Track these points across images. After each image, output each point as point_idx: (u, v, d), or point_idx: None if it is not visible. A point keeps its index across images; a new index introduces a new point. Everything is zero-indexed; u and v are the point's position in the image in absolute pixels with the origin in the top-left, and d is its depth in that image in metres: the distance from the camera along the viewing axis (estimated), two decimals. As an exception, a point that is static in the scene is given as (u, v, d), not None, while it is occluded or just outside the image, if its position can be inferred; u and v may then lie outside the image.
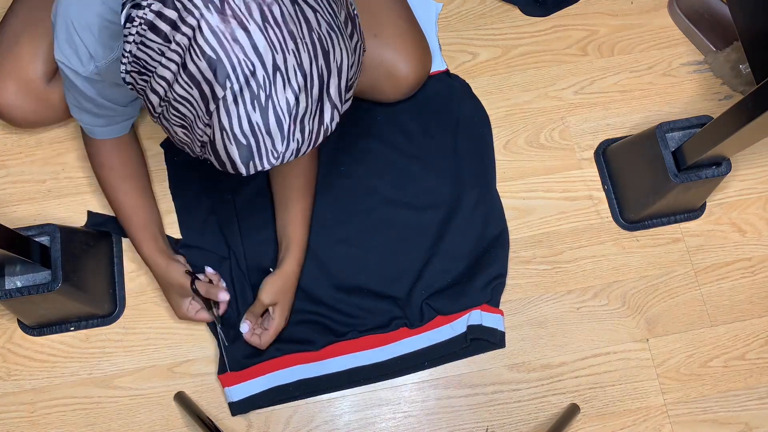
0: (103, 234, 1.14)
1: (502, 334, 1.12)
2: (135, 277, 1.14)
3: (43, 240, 1.01)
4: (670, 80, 1.27)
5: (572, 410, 1.08)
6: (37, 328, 1.11)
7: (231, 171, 0.70)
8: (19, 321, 1.12)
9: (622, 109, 1.25)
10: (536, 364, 1.12)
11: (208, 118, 0.66)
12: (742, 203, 1.21)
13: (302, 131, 0.68)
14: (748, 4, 0.91)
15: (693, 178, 1.04)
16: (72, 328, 1.11)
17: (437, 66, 1.24)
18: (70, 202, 1.18)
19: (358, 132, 1.20)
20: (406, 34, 1.13)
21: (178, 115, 0.68)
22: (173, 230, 1.16)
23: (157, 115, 0.70)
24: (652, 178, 1.09)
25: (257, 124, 0.65)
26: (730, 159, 1.05)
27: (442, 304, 1.11)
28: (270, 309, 1.06)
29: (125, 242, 1.16)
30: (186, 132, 0.69)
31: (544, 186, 1.21)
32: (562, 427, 1.05)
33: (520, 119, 1.24)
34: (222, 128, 0.66)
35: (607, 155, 1.22)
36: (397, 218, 1.16)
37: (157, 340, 1.12)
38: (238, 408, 1.07)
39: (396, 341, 1.10)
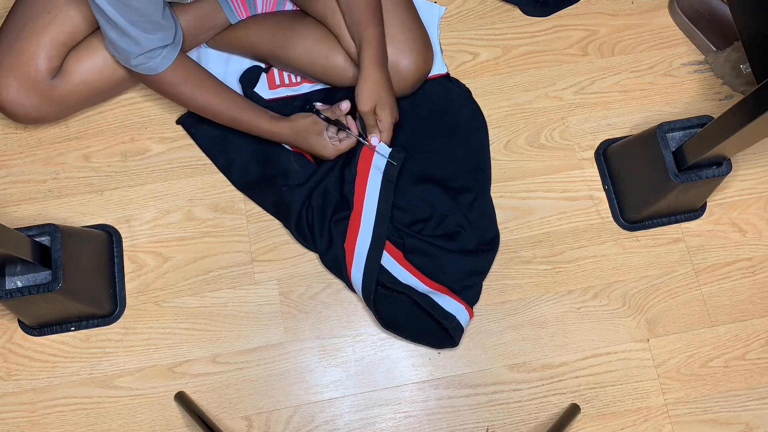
0: (103, 234, 1.14)
1: (460, 327, 1.10)
2: (135, 277, 1.14)
3: (44, 240, 1.01)
4: (670, 80, 1.27)
5: (573, 410, 1.08)
6: (38, 328, 1.11)
7: None
8: (19, 321, 1.12)
9: (623, 109, 1.25)
10: (537, 364, 1.12)
11: None
12: (743, 203, 1.21)
13: None
14: (749, 4, 0.91)
15: (693, 178, 1.04)
16: (72, 328, 1.11)
17: (438, 69, 1.24)
18: (71, 202, 1.18)
19: None
20: (408, 29, 1.13)
21: None
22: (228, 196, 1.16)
23: None
24: (652, 178, 1.09)
25: None
26: (730, 159, 1.05)
27: (424, 261, 1.14)
28: (377, 113, 1.09)
29: (125, 242, 1.16)
30: None
31: (544, 186, 1.21)
32: (563, 427, 1.05)
33: (521, 119, 1.24)
34: None
35: (607, 155, 1.22)
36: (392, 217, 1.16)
37: (157, 340, 1.12)
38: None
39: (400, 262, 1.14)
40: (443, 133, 1.21)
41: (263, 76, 1.23)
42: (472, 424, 1.09)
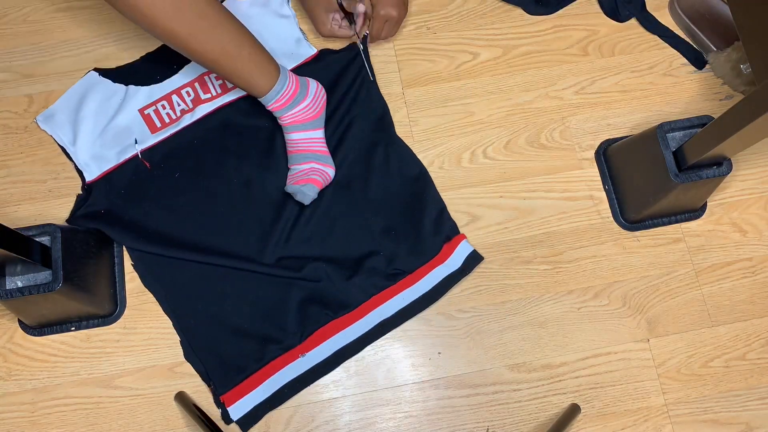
0: (103, 234, 1.14)
1: (473, 258, 1.16)
2: (135, 277, 1.14)
3: (44, 240, 1.01)
4: (670, 80, 1.27)
5: (573, 410, 1.08)
6: (38, 328, 1.11)
7: None
8: (20, 321, 1.12)
9: (623, 109, 1.25)
10: (537, 364, 1.12)
11: None
12: (743, 203, 1.21)
13: None
14: (749, 4, 0.91)
15: (694, 178, 1.04)
16: (73, 328, 1.12)
17: (307, 53, 1.25)
18: (71, 202, 1.18)
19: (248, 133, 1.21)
20: None
21: None
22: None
23: None
24: (652, 178, 1.09)
25: None
26: (730, 159, 1.05)
27: (405, 262, 1.13)
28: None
29: (126, 242, 1.16)
30: None
31: (544, 186, 1.21)
32: (563, 427, 1.05)
33: (521, 119, 1.24)
34: None
35: (607, 155, 1.22)
36: (325, 196, 1.17)
37: (157, 340, 1.12)
38: (245, 424, 1.07)
39: (375, 308, 1.12)
40: (338, 103, 1.22)
41: (142, 123, 1.20)
42: (472, 424, 1.09)
